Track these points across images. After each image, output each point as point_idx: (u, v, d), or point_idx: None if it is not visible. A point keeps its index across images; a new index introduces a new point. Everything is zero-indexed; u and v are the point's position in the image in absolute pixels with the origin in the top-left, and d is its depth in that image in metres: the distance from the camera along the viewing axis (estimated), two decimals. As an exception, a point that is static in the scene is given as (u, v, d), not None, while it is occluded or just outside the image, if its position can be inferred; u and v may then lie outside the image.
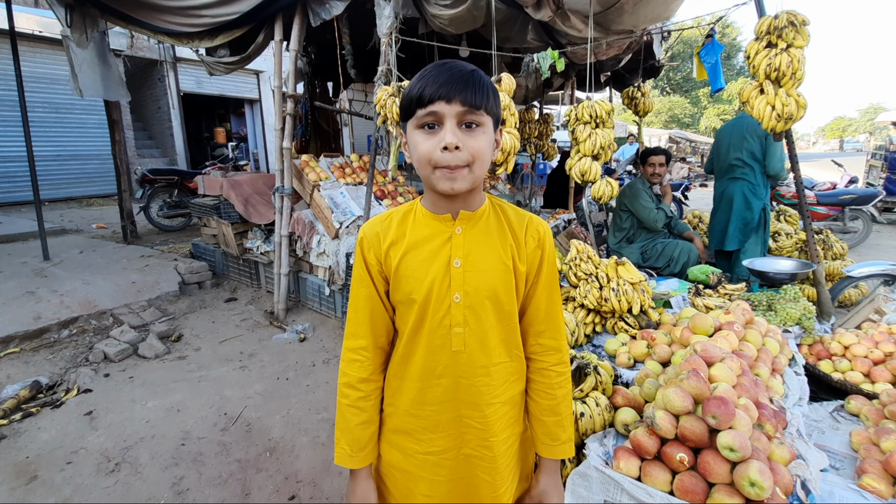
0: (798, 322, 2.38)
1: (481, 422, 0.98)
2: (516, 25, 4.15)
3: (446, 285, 0.94)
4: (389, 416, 1.05)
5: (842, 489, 1.37)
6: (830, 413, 1.86)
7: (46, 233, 4.88)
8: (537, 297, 1.02)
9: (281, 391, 2.88)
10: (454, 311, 0.94)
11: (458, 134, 0.84)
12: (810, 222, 3.12)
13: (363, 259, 0.99)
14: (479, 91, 0.84)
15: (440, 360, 0.97)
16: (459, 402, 0.98)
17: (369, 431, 1.03)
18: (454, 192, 0.87)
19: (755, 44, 2.74)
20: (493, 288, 0.95)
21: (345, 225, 3.91)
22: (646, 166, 3.94)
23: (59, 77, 8.46)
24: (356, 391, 1.01)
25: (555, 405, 1.04)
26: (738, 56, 29.42)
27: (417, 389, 0.99)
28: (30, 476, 2.14)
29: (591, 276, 2.46)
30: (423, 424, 1.00)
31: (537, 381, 1.06)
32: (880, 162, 9.25)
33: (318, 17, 3.65)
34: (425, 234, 0.96)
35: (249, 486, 2.11)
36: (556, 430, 1.04)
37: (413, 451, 1.02)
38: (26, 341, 3.33)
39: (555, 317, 1.05)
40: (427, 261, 0.95)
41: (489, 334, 0.96)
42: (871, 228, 6.70)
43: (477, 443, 1.00)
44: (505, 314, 0.98)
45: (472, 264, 0.94)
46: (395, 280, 0.97)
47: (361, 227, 1.03)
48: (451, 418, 0.99)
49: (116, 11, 4.37)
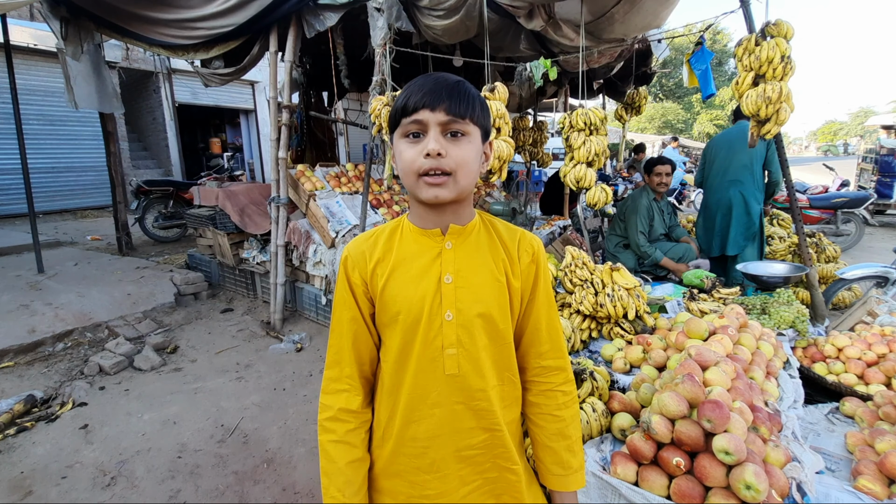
0: (792, 325, 2.40)
1: (482, 452, 0.91)
2: (509, 35, 4.20)
3: (437, 303, 0.88)
4: (378, 458, 0.95)
5: (837, 491, 1.38)
6: (825, 415, 1.87)
7: (41, 245, 4.85)
8: (536, 315, 0.97)
9: (278, 402, 2.87)
10: (446, 330, 0.88)
11: (442, 141, 0.82)
12: (802, 226, 3.15)
13: (347, 280, 0.93)
14: (463, 100, 0.83)
15: (433, 385, 0.89)
16: (456, 433, 0.90)
17: (363, 471, 0.93)
18: (438, 200, 0.84)
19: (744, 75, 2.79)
20: (487, 304, 0.90)
21: (341, 234, 3.91)
22: (652, 176, 3.93)
23: (54, 89, 8.47)
24: (344, 423, 0.91)
25: (563, 428, 0.97)
26: (729, 62, 29.78)
27: (408, 422, 0.91)
28: (25, 491, 2.11)
29: (586, 282, 2.48)
30: (416, 464, 0.91)
31: (542, 405, 0.98)
32: (871, 165, 9.35)
33: (312, 29, 3.68)
34: (413, 250, 0.91)
35: (246, 498, 2.09)
36: (567, 457, 0.96)
37: (406, 495, 0.92)
38: (21, 355, 3.30)
39: (556, 335, 0.99)
40: (416, 278, 0.89)
41: (482, 354, 0.90)
42: (863, 231, 6.77)
43: (479, 476, 0.91)
44: (498, 333, 0.92)
45: (465, 280, 0.89)
46: (382, 300, 0.90)
47: (346, 247, 0.96)
48: (447, 455, 0.90)
49: (112, 24, 4.39)
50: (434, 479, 0.91)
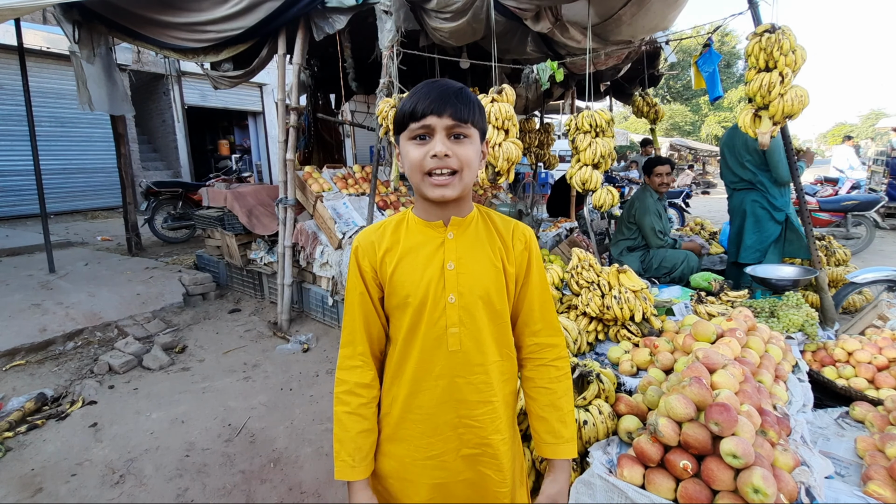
0: (801, 328, 2.38)
1: (480, 420, 1.01)
2: (516, 37, 4.21)
3: (441, 287, 0.98)
4: (385, 426, 1.06)
5: (847, 496, 1.37)
6: (835, 420, 1.85)
7: (52, 245, 4.92)
8: (530, 297, 1.07)
9: (284, 402, 2.89)
10: (449, 311, 0.98)
11: (447, 143, 0.92)
12: (812, 228, 3.13)
13: (358, 267, 1.03)
14: (466, 106, 0.92)
15: (437, 360, 1.00)
16: (457, 402, 1.00)
17: (371, 440, 1.04)
18: (444, 198, 0.94)
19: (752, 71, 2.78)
20: (486, 288, 1.00)
21: (348, 235, 3.93)
22: (652, 177, 3.91)
23: (66, 92, 8.58)
24: (357, 397, 1.02)
25: (555, 399, 1.06)
26: (737, 64, 29.58)
27: (415, 392, 1.01)
28: (35, 488, 2.14)
29: (592, 284, 2.47)
30: (422, 429, 1.02)
31: (536, 378, 1.08)
32: (882, 167, 9.24)
33: (321, 32, 3.72)
34: (419, 240, 1.01)
35: (253, 498, 2.10)
36: (559, 427, 1.05)
37: (411, 458, 1.02)
38: (32, 353, 3.35)
39: (549, 314, 1.09)
40: (422, 265, 1.00)
41: (483, 333, 1.00)
42: (874, 234, 6.68)
43: (476, 441, 1.01)
44: (496, 313, 1.02)
45: (465, 266, 1.00)
46: (391, 285, 1.00)
47: (355, 237, 1.07)
48: (449, 420, 1.01)
49: (124, 28, 4.45)
50: (437, 441, 1.01)
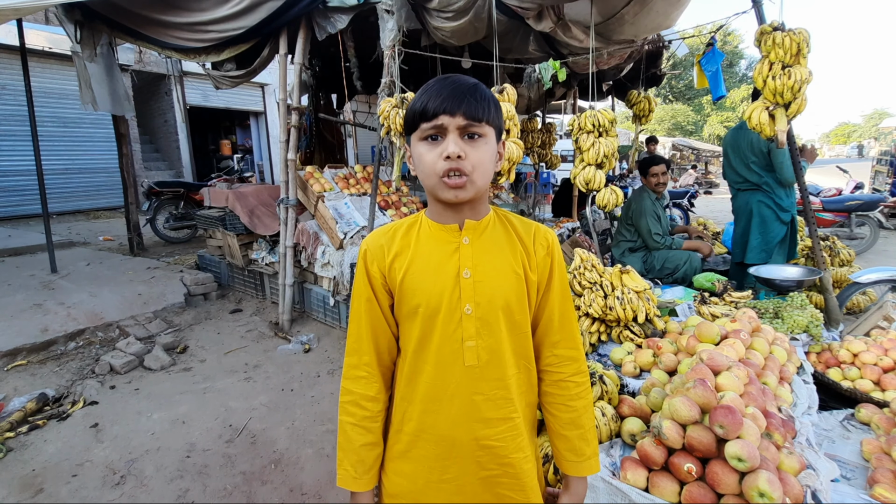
0: (805, 330, 2.36)
1: (501, 439, 0.94)
2: (518, 37, 4.20)
3: (456, 297, 0.91)
4: (397, 442, 0.99)
5: (853, 499, 1.35)
6: (840, 422, 1.84)
7: (54, 245, 4.92)
8: (550, 307, 1.00)
9: (286, 402, 2.88)
10: (466, 323, 0.91)
11: (461, 144, 0.85)
12: (815, 229, 3.11)
13: (366, 272, 0.97)
14: (480, 104, 0.86)
15: (452, 376, 0.93)
16: (475, 422, 0.93)
17: (375, 453, 0.98)
18: (458, 200, 0.89)
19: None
20: (506, 298, 0.93)
21: (349, 235, 3.92)
22: (648, 177, 3.89)
23: (68, 92, 8.59)
24: (362, 409, 0.97)
25: (576, 417, 1.00)
26: (740, 63, 29.52)
27: (428, 411, 0.94)
28: (36, 489, 2.14)
29: (595, 284, 2.46)
30: (437, 452, 0.94)
31: (555, 394, 1.01)
32: (886, 167, 9.20)
33: (323, 31, 3.71)
34: (431, 244, 0.95)
35: (254, 499, 2.09)
36: (580, 445, 0.99)
37: (425, 479, 0.96)
38: (33, 353, 3.34)
39: (570, 325, 1.02)
40: (435, 272, 0.93)
41: (503, 346, 0.93)
42: (878, 234, 6.65)
43: (497, 462, 0.94)
44: (516, 324, 0.95)
45: (483, 274, 0.93)
46: (401, 292, 0.94)
47: (364, 240, 1.01)
48: (466, 442, 0.93)
49: (125, 27, 4.45)
50: (453, 465, 0.94)
